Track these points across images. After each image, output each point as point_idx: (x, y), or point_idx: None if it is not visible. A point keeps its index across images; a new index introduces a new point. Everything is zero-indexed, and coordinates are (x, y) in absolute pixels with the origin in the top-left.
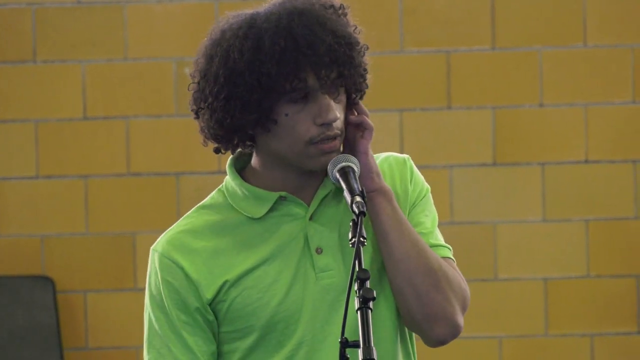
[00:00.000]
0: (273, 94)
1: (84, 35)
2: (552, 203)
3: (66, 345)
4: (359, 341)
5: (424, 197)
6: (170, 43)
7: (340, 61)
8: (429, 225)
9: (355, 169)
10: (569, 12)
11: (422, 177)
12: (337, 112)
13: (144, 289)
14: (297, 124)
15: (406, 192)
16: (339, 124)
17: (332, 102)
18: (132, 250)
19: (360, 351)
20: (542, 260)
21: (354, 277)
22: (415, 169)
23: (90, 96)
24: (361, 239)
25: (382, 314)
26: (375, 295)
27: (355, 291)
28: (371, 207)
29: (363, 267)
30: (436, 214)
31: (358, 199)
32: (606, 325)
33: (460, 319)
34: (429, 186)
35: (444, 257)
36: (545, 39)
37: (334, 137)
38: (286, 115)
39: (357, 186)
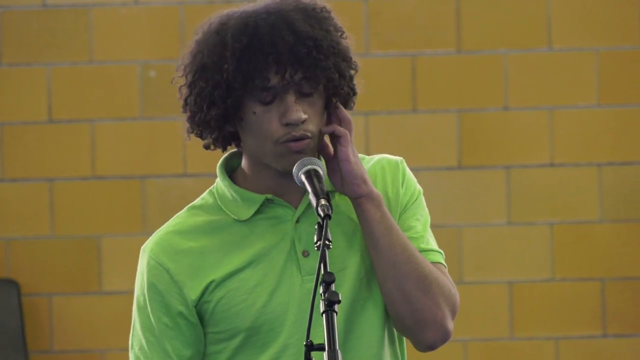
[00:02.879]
0: (237, 91)
1: (49, 38)
2: (517, 206)
3: (31, 348)
4: (324, 344)
5: (415, 200)
6: (135, 46)
7: (304, 62)
8: (419, 230)
9: (320, 171)
10: (534, 16)
11: (414, 180)
12: (305, 113)
13: (109, 292)
14: (264, 123)
15: (397, 195)
16: (309, 125)
17: (296, 103)
18: (97, 254)
19: (325, 354)
20: (507, 264)
21: (319, 280)
22: (408, 171)
23: (55, 99)
24: (326, 242)
25: (370, 317)
26: (340, 299)
27: (321, 294)
28: (360, 213)
29: (328, 270)
30: (428, 218)
31: (323, 202)
32: (571, 329)
33: (450, 324)
34: (421, 189)
35: (434, 262)
36: (510, 42)
37: (302, 138)
38: (254, 113)
39: (322, 189)
